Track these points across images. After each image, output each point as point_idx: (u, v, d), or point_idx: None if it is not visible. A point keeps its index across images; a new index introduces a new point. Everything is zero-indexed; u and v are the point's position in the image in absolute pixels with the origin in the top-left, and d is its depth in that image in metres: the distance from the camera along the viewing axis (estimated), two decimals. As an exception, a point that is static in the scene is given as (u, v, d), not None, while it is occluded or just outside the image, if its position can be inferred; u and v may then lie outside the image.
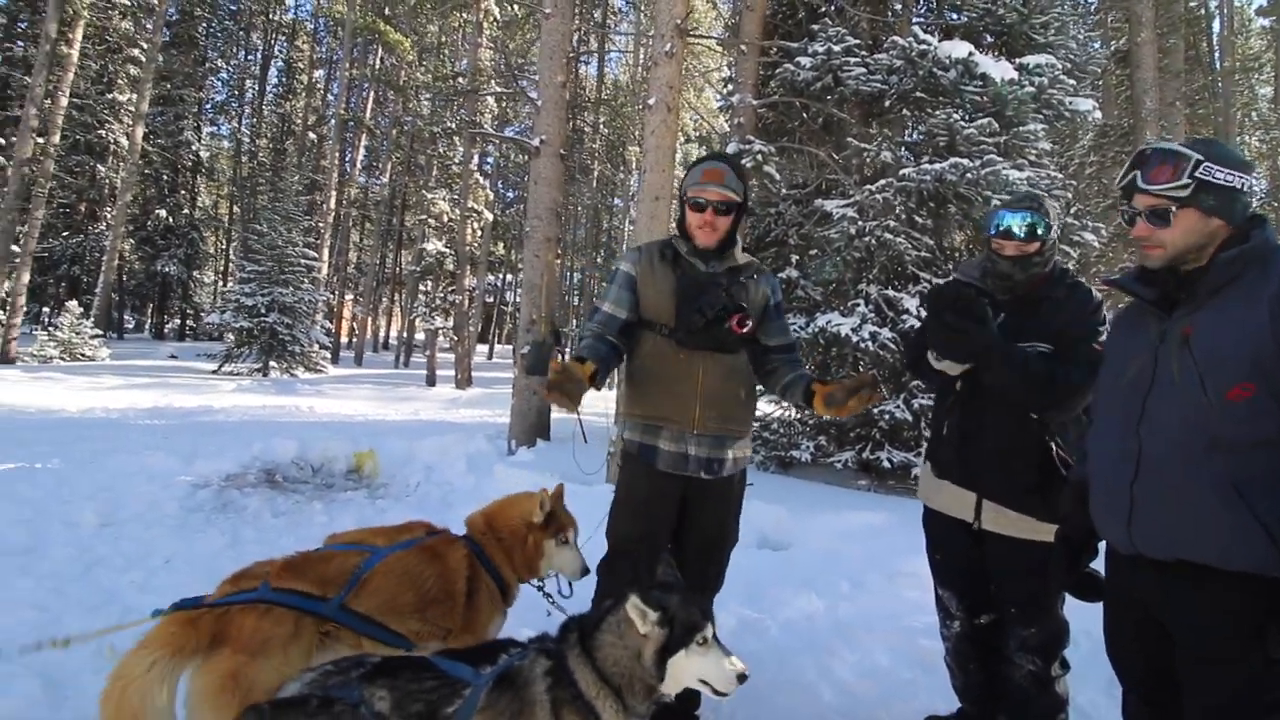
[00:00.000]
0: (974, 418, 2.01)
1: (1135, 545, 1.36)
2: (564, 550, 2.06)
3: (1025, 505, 1.94)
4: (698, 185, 2.11)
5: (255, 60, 29.60)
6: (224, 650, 1.46)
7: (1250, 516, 1.18)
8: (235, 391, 12.00)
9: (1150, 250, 1.37)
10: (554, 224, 7.47)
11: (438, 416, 10.60)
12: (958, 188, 6.13)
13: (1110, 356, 1.52)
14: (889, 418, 6.67)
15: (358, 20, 19.64)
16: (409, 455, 6.21)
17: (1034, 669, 2.00)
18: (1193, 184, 1.30)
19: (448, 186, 19.77)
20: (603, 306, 2.22)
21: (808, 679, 2.63)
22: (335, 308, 23.65)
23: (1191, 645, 1.30)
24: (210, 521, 4.16)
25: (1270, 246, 1.30)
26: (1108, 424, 1.44)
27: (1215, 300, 1.31)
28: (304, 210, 19.34)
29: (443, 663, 1.37)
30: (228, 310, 16.47)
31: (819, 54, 6.80)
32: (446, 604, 1.85)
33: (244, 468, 5.37)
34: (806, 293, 7.42)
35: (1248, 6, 20.99)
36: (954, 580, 2.15)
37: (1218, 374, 1.25)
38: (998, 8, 7.10)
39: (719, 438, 2.12)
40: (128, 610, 2.84)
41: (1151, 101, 11.66)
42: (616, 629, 1.39)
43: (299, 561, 1.72)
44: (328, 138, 25.23)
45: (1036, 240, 1.95)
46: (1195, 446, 1.26)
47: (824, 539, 4.37)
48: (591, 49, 20.16)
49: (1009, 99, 6.33)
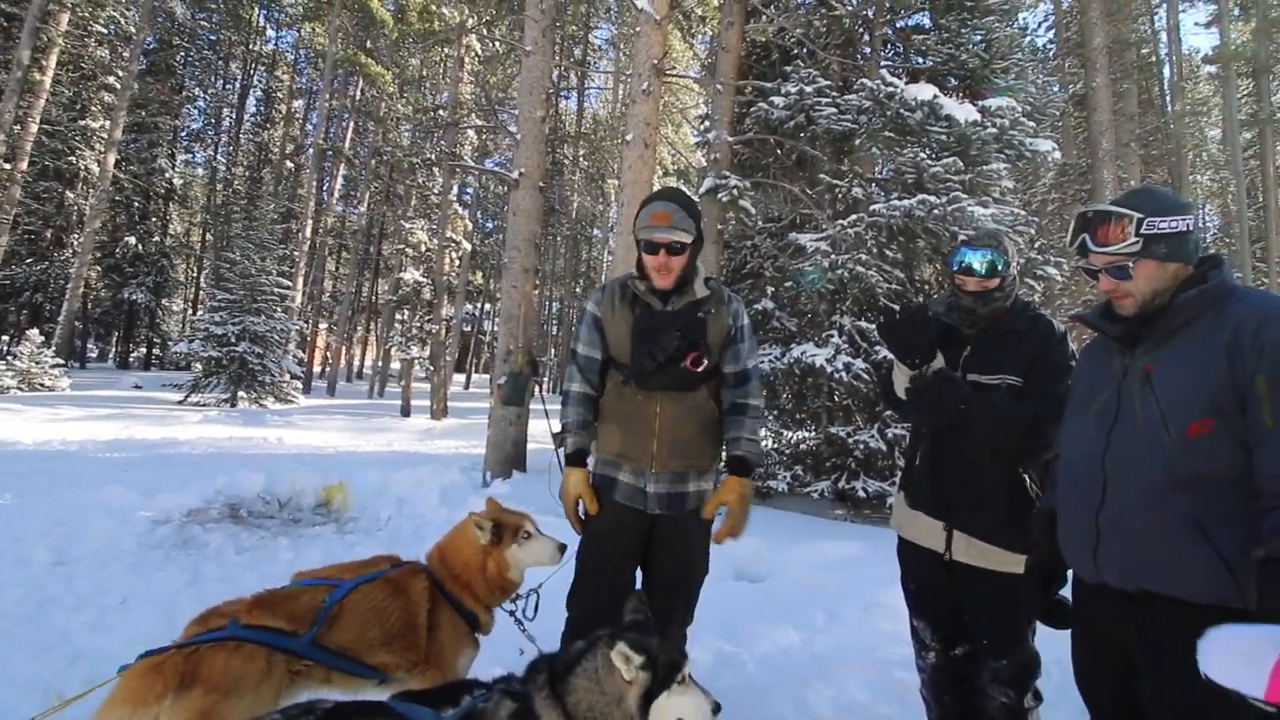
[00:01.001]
0: (945, 448, 2.04)
1: (1101, 575, 1.38)
2: (530, 544, 2.03)
3: (995, 537, 1.95)
4: (647, 228, 2.09)
5: (233, 89, 29.57)
6: (195, 690, 1.41)
7: (1211, 550, 1.21)
8: (201, 423, 11.69)
9: (1121, 300, 1.42)
10: (532, 255, 7.51)
11: (412, 448, 10.42)
12: (926, 223, 6.32)
13: (1077, 388, 1.56)
14: (864, 447, 6.74)
15: (339, 53, 19.81)
16: (381, 488, 6.08)
17: (1007, 701, 2.00)
18: (1141, 240, 1.36)
19: (426, 216, 19.81)
20: (579, 348, 2.25)
21: (785, 715, 2.60)
22: (309, 337, 23.28)
23: (1156, 673, 1.32)
24: (170, 559, 4.00)
25: (1226, 288, 1.35)
26: (1074, 455, 1.48)
27: (1175, 339, 1.35)
28: (279, 238, 19.17)
29: (401, 706, 1.32)
30: (196, 339, 16.12)
31: (792, 94, 7.03)
32: (409, 636, 1.82)
33: (207, 502, 5.20)
34: (782, 324, 7.54)
35: (1195, 55, 22.31)
36: (928, 611, 2.16)
37: (1178, 411, 1.29)
38: (961, 53, 7.44)
39: (679, 474, 2.13)
40: (78, 653, 2.71)
41: (1108, 142, 12.24)
42: (593, 675, 1.35)
43: (268, 598, 1.68)
44: (305, 167, 25.19)
45: (996, 276, 2.02)
46: (1157, 481, 1.29)
47: (800, 570, 4.35)
48: (571, 85, 20.58)
49: (973, 139, 6.59)
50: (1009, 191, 7.45)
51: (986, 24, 7.46)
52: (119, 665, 1.55)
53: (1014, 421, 1.87)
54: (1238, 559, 1.17)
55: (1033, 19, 18.62)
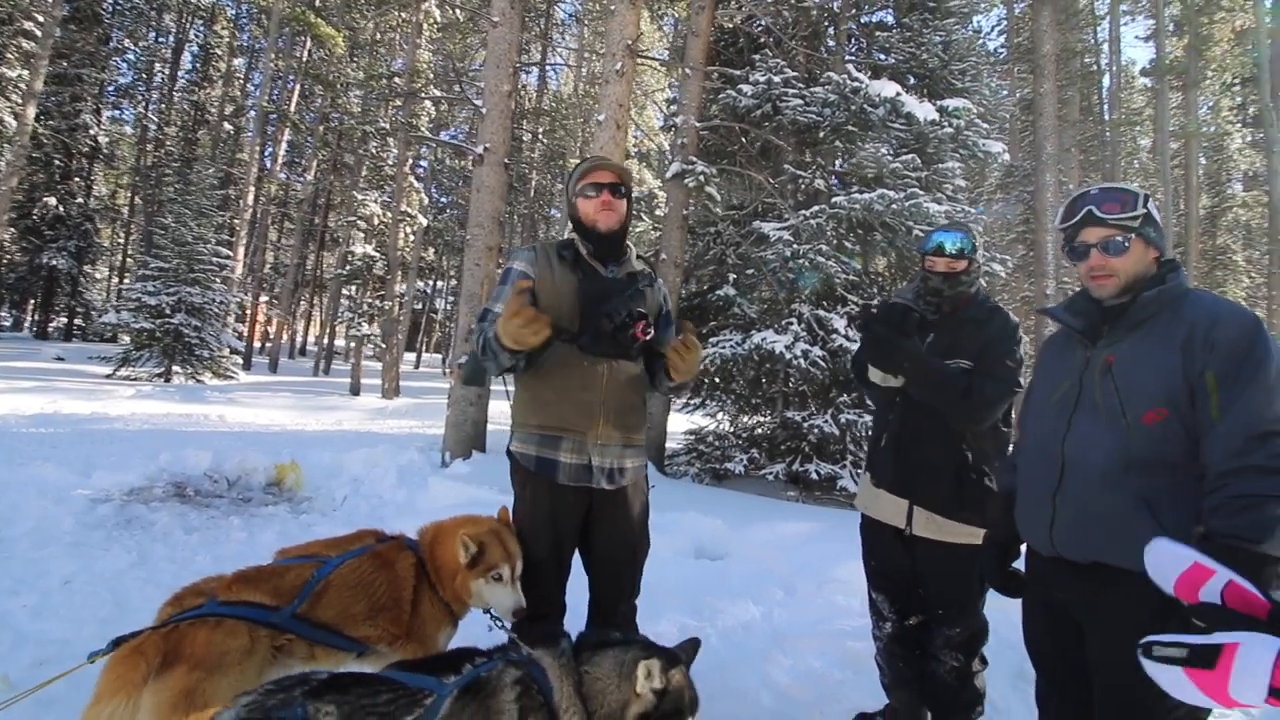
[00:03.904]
0: (909, 430, 2.18)
1: (1056, 548, 1.51)
2: (495, 588, 1.89)
3: (949, 510, 2.10)
4: (586, 174, 2.10)
5: (167, 43, 27.63)
6: (178, 668, 1.38)
7: (1158, 526, 1.34)
8: (134, 398, 11.07)
9: (1103, 280, 1.51)
10: (496, 233, 7.39)
11: (363, 427, 10.16)
12: (884, 217, 6.53)
13: (1041, 377, 1.69)
14: (818, 432, 6.97)
15: (286, 10, 18.76)
16: (335, 467, 5.94)
17: (957, 665, 2.17)
18: (1143, 215, 1.48)
19: (379, 188, 19.10)
20: (494, 308, 2.03)
21: (747, 685, 2.71)
22: (249, 310, 22.22)
23: (1102, 638, 1.46)
24: (113, 539, 3.83)
25: (1181, 290, 1.48)
26: (1036, 439, 1.61)
27: (1135, 334, 1.48)
28: (217, 205, 18.15)
29: (401, 675, 1.33)
30: (125, 309, 15.18)
31: (760, 83, 7.10)
32: (394, 611, 1.81)
33: (150, 480, 4.99)
34: (743, 310, 7.67)
35: (1133, 66, 23.55)
36: (887, 585, 2.30)
37: (1135, 400, 1.41)
38: (921, 52, 7.65)
39: (620, 447, 2.08)
40: (21, 637, 2.59)
41: (1051, 146, 12.82)
42: (619, 669, 1.36)
43: (252, 574, 1.65)
44: (246, 130, 23.86)
45: (964, 259, 2.17)
46: (1114, 463, 1.42)
47: (758, 549, 4.50)
48: (534, 59, 20.11)
49: (930, 137, 6.81)
50: (960, 190, 7.76)
51: (947, 25, 7.69)
52: (81, 650, 1.48)
53: (951, 384, 2.04)
54: (1181, 536, 1.31)
55: (986, 23, 19.27)
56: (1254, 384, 1.30)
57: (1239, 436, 1.28)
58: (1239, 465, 1.27)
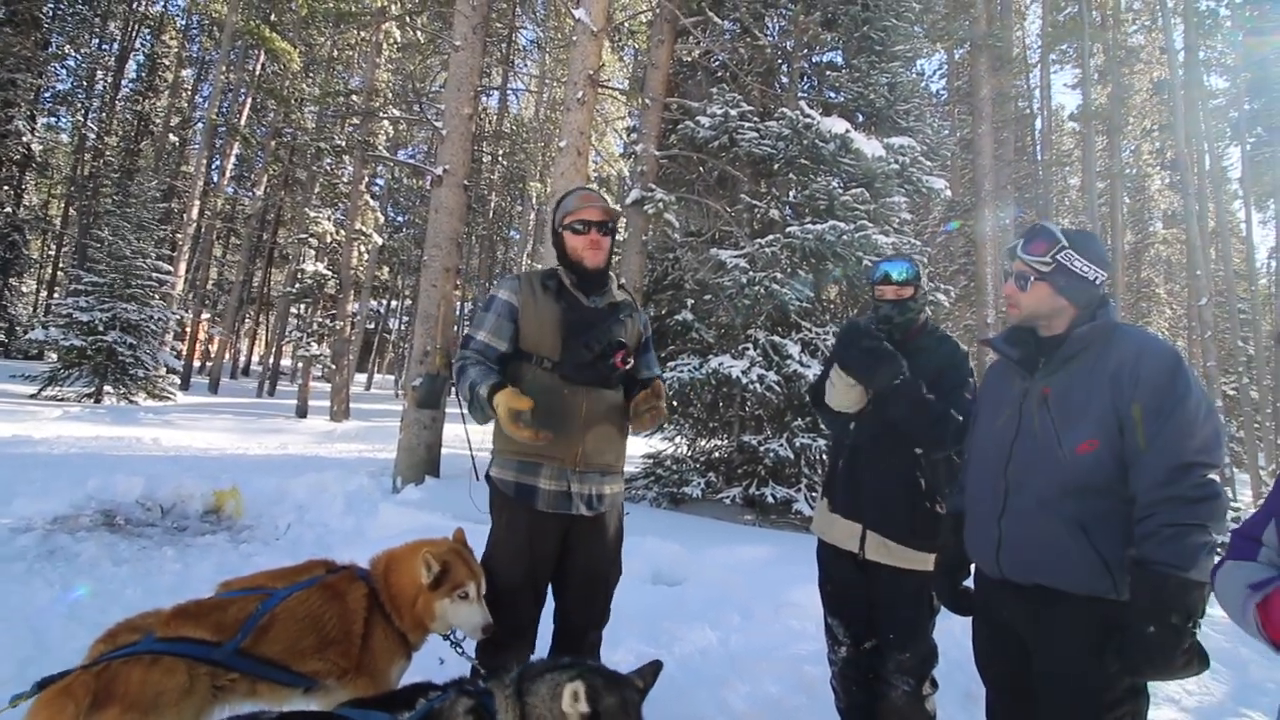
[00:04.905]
0: (864, 456, 2.24)
1: (1002, 571, 1.58)
2: (460, 607, 1.87)
3: (902, 536, 2.16)
4: (576, 210, 2.13)
5: (111, 51, 26.66)
6: (110, 709, 1.29)
7: (1093, 550, 1.43)
8: (61, 419, 10.43)
9: (1010, 309, 1.64)
10: (454, 254, 7.33)
11: (310, 451, 9.80)
12: (835, 247, 6.76)
13: (984, 405, 1.78)
14: (773, 456, 7.07)
15: (239, 23, 18.38)
16: (279, 494, 5.70)
17: (908, 689, 2.21)
18: (1053, 264, 1.56)
19: (332, 205, 18.71)
20: (478, 335, 2.10)
21: (704, 712, 2.70)
22: (189, 328, 21.27)
23: (1045, 655, 1.52)
24: (34, 572, 3.57)
25: (1111, 325, 1.56)
26: (980, 465, 1.69)
27: (1069, 367, 1.56)
28: (159, 218, 17.44)
29: (354, 713, 1.30)
30: (54, 325, 14.34)
31: (717, 115, 7.32)
32: (344, 644, 1.75)
33: (76, 509, 4.69)
34: (700, 335, 7.78)
35: (1063, 110, 25.24)
36: (842, 609, 2.34)
37: (1069, 430, 1.50)
38: (869, 91, 8.03)
39: (600, 472, 2.11)
40: (-73, 678, 2.38)
41: (989, 184, 13.54)
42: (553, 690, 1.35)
43: (193, 609, 1.56)
44: (193, 142, 23.11)
45: (910, 285, 2.27)
46: (1051, 490, 1.50)
47: (715, 573, 4.51)
48: (494, 84, 20.20)
49: (878, 173, 7.13)
50: (905, 223, 8.11)
51: (892, 68, 8.10)
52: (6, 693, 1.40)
53: (927, 408, 2.09)
54: (1114, 559, 1.39)
55: (929, 66, 20.37)
56: (1175, 417, 1.39)
57: (1163, 467, 1.37)
58: (1165, 495, 1.35)
